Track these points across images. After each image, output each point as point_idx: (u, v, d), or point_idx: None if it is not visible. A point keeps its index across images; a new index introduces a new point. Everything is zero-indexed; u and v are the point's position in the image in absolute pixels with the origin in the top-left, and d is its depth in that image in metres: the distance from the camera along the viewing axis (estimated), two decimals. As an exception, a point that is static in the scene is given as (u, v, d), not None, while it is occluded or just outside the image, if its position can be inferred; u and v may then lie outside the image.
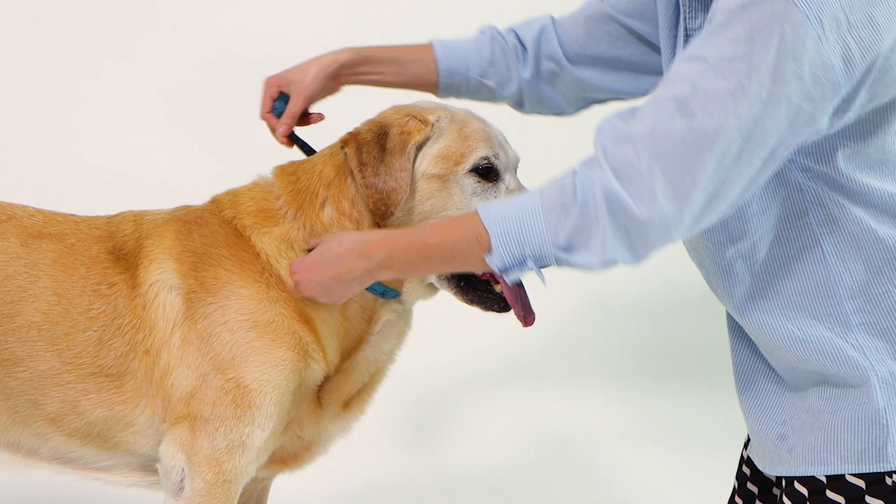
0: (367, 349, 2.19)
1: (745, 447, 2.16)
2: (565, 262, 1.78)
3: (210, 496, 2.06)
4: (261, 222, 2.14)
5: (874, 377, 1.84)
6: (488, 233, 1.79)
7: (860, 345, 1.85)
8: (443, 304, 2.34)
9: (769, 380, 1.98)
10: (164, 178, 3.84)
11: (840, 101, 1.71)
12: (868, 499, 1.84)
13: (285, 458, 2.25)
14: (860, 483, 1.85)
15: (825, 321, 1.86)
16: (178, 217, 2.19)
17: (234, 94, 4.08)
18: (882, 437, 1.82)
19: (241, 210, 2.16)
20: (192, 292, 2.08)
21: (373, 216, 2.08)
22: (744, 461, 2.16)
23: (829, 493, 1.86)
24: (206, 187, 2.34)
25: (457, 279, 2.13)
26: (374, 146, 2.07)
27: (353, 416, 2.26)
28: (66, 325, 2.10)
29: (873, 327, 1.85)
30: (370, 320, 2.17)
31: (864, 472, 1.84)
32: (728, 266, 1.92)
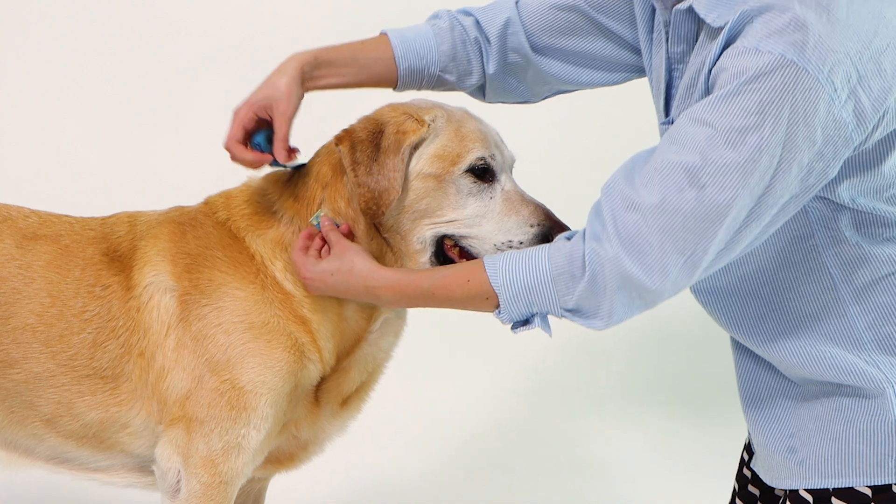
0: (365, 347, 2.18)
1: (745, 450, 2.16)
2: (572, 321, 1.84)
3: (206, 497, 2.06)
4: (255, 224, 2.13)
5: (890, 389, 1.83)
6: (497, 294, 1.85)
7: (874, 360, 1.84)
8: (457, 315, 2.30)
9: (776, 392, 1.97)
10: (160, 179, 3.84)
11: (852, 150, 1.71)
12: None
13: (282, 458, 2.25)
14: (867, 491, 1.85)
15: (838, 340, 1.86)
16: (172, 218, 2.18)
17: (230, 94, 4.08)
18: None
19: (235, 212, 2.15)
20: (187, 294, 2.08)
21: (364, 215, 2.07)
22: (744, 463, 2.15)
23: (835, 501, 1.87)
24: (202, 187, 2.34)
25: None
26: (369, 145, 2.05)
27: (350, 415, 2.26)
28: (61, 327, 2.10)
29: (886, 342, 1.84)
30: (369, 318, 2.16)
31: (881, 483, 1.83)
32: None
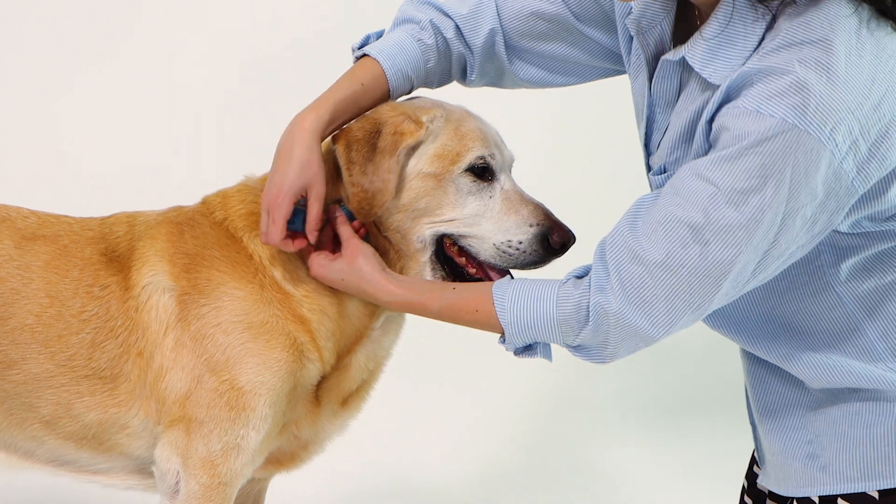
0: (367, 345, 2.18)
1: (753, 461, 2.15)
2: (575, 355, 1.90)
3: (205, 499, 2.05)
4: (252, 225, 2.12)
5: None
6: (503, 328, 1.90)
7: (892, 367, 1.85)
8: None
9: (790, 399, 1.96)
10: (158, 179, 3.83)
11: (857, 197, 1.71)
12: None
13: (282, 458, 2.24)
14: (874, 494, 1.85)
15: (853, 353, 1.86)
16: (170, 219, 2.18)
17: (228, 94, 4.09)
18: None
19: (232, 212, 2.15)
20: (185, 294, 2.07)
21: (357, 215, 2.06)
22: (755, 461, 2.14)
23: (841, 502, 1.87)
24: (201, 187, 2.33)
25: (452, 278, 2.12)
26: (364, 144, 2.05)
27: (350, 414, 2.26)
28: (60, 328, 2.09)
29: None
30: (371, 315, 2.16)
31: None
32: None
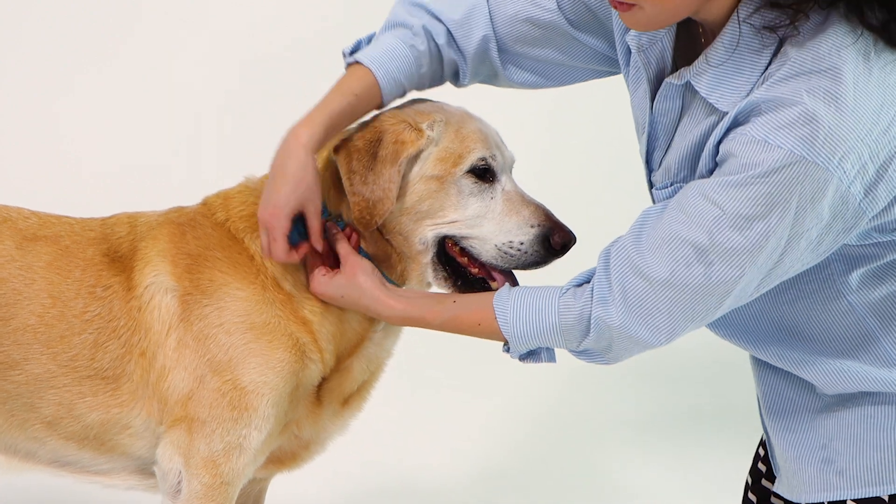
0: (369, 347, 2.19)
1: (760, 444, 2.15)
2: (578, 359, 1.93)
3: (207, 498, 2.06)
4: (254, 226, 2.13)
5: None
6: (507, 339, 1.93)
7: None
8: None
9: (801, 404, 1.97)
10: (158, 179, 3.83)
11: (868, 219, 1.72)
12: None
13: (283, 458, 2.25)
14: (885, 498, 1.86)
15: (867, 360, 1.86)
16: (172, 219, 2.18)
17: (228, 94, 4.09)
18: None
19: (234, 213, 2.16)
20: (188, 294, 2.08)
21: (357, 224, 2.07)
22: (759, 458, 2.15)
23: None
24: (201, 187, 2.33)
25: (454, 279, 2.13)
26: (365, 154, 2.05)
27: (351, 414, 2.26)
28: (62, 328, 2.10)
29: None
30: (373, 319, 2.16)
31: None
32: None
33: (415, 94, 2.23)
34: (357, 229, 2.10)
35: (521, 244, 2.07)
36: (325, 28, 3.97)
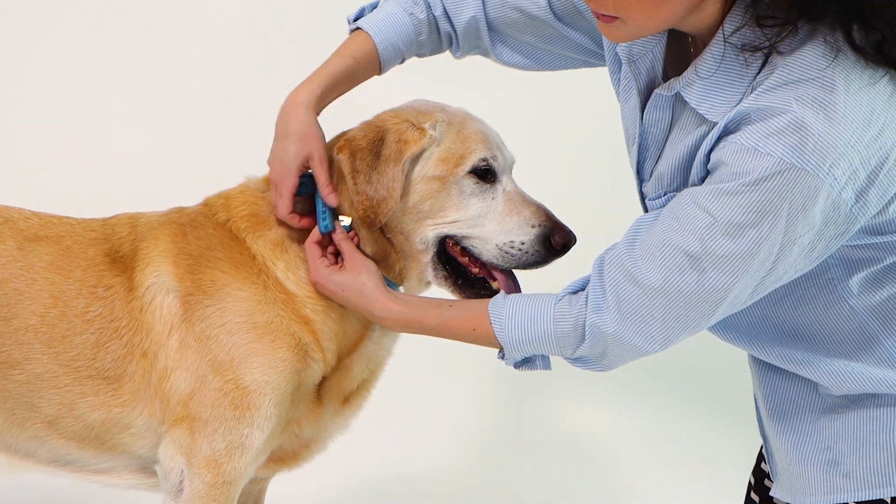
0: (369, 345, 2.19)
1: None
2: (574, 366, 1.94)
3: (209, 498, 2.06)
4: (255, 226, 2.14)
5: None
6: (502, 345, 1.95)
7: None
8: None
9: (804, 405, 1.97)
10: (157, 179, 3.83)
11: (861, 223, 1.72)
12: None
13: (284, 457, 2.25)
14: (888, 500, 1.87)
15: (870, 362, 1.87)
16: (173, 220, 2.19)
17: (228, 95, 4.09)
18: None
19: (235, 213, 2.16)
20: (189, 295, 2.08)
21: (362, 223, 2.08)
22: (762, 458, 2.15)
23: None
24: (201, 188, 2.33)
25: (454, 278, 2.14)
26: (368, 153, 2.06)
27: (351, 412, 2.27)
28: (63, 328, 2.10)
29: None
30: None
31: None
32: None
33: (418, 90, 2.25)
34: (357, 229, 2.11)
35: (523, 244, 2.08)
36: (326, 28, 3.97)
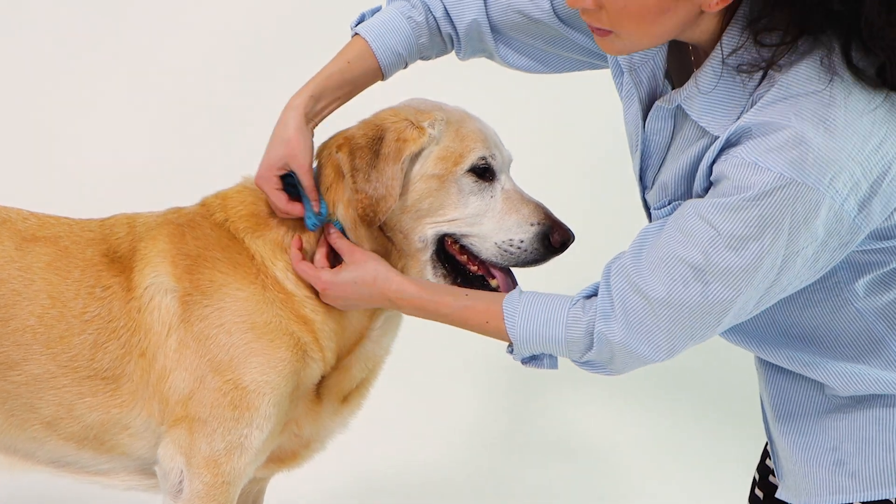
0: (367, 344, 2.20)
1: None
2: (582, 369, 1.95)
3: (209, 498, 2.06)
4: (253, 226, 2.14)
5: None
6: (512, 342, 1.95)
7: None
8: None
9: (810, 405, 1.97)
10: (156, 179, 3.83)
11: (865, 233, 1.72)
12: None
13: (283, 456, 2.25)
14: (892, 499, 1.87)
15: (878, 364, 1.87)
16: (171, 220, 2.19)
17: (226, 95, 4.09)
18: None
19: (233, 213, 2.16)
20: (188, 295, 2.08)
21: (361, 221, 2.08)
22: (767, 454, 2.15)
23: None
24: (200, 188, 2.33)
25: (453, 276, 2.14)
26: (368, 151, 2.07)
27: (350, 411, 2.27)
28: (62, 329, 2.10)
29: None
30: (372, 316, 2.18)
31: None
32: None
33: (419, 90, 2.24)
34: (355, 228, 2.11)
35: (521, 242, 2.08)
36: (326, 28, 3.96)
